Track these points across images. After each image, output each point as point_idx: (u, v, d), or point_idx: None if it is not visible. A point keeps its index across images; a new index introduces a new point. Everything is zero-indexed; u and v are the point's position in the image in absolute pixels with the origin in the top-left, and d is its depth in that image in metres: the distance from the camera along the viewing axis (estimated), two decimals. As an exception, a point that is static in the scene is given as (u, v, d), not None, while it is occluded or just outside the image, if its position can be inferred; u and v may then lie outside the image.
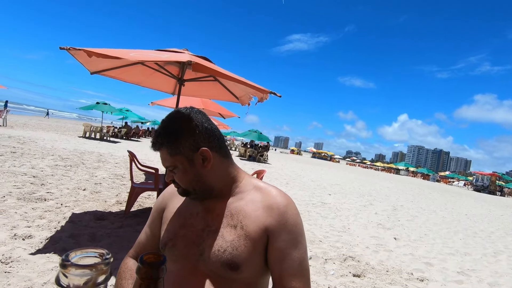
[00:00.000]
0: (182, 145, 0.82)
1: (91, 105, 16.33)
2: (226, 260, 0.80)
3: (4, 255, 2.31)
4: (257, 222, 0.83)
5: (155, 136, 0.84)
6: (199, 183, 0.86)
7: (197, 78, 3.91)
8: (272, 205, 0.85)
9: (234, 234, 0.82)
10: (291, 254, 0.82)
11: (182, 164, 0.84)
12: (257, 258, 0.83)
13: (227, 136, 35.69)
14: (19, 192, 3.94)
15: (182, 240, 0.87)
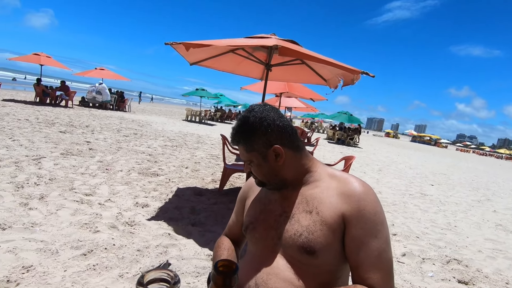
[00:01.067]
0: (256, 143, 0.88)
1: (191, 92, 18.33)
2: (302, 243, 0.83)
3: (130, 218, 2.87)
4: (333, 208, 0.84)
5: (233, 133, 0.92)
6: (273, 176, 0.92)
7: (284, 62, 3.89)
8: (348, 191, 0.85)
9: (309, 219, 0.85)
10: (368, 244, 0.80)
11: (257, 160, 0.90)
12: (335, 244, 0.83)
13: (315, 118, 34.94)
14: (139, 167, 4.80)
15: (262, 224, 0.94)
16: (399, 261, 2.89)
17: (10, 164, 3.87)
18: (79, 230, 2.49)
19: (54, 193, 3.17)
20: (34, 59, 12.76)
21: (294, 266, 0.85)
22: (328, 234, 0.83)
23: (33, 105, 11.38)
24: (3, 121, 6.98)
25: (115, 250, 2.28)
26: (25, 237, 2.25)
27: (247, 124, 0.89)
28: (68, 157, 4.71)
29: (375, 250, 0.80)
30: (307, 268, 0.84)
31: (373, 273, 0.79)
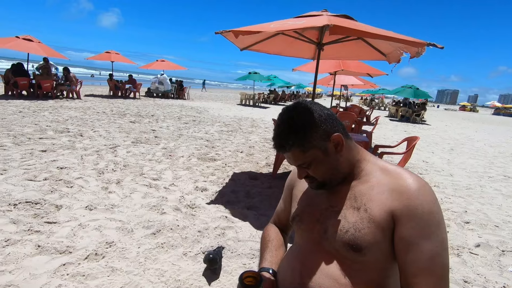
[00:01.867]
0: (314, 138, 0.81)
1: (244, 76, 18.54)
2: (348, 240, 0.80)
3: (191, 201, 3.12)
4: (382, 206, 0.79)
5: (279, 140, 0.83)
6: (335, 171, 0.86)
7: (337, 39, 3.66)
8: (400, 188, 0.79)
9: (356, 216, 0.81)
10: (419, 245, 0.74)
11: (317, 157, 0.83)
12: (385, 243, 0.79)
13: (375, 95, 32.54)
14: (198, 153, 5.12)
15: (308, 216, 0.93)
16: (471, 252, 2.61)
17: (93, 153, 4.47)
18: (149, 212, 2.80)
19: (128, 178, 3.59)
20: (106, 56, 14.26)
21: (340, 262, 0.83)
22: (376, 232, 0.78)
23: (108, 98, 12.82)
24: (86, 114, 8.04)
25: (179, 230, 2.51)
26: (107, 217, 2.62)
27: (297, 122, 0.81)
28: (137, 145, 5.24)
29: (427, 253, 0.74)
30: (353, 265, 0.81)
31: (422, 278, 0.73)
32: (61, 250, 2.07)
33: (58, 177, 3.36)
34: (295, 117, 0.82)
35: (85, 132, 5.80)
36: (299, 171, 0.88)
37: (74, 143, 4.91)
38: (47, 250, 2.06)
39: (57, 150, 4.44)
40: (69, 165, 3.83)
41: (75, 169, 3.69)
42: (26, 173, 3.39)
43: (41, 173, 3.44)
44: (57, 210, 2.64)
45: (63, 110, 8.26)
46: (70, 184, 3.23)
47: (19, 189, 2.98)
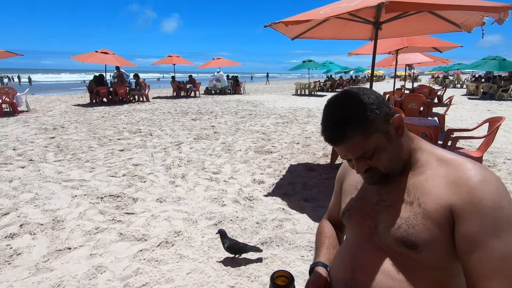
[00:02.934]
0: (376, 120, 0.73)
1: (298, 65, 18.17)
2: (401, 237, 0.74)
3: (249, 194, 3.22)
4: (438, 200, 0.71)
5: (335, 130, 0.74)
6: (398, 157, 0.78)
7: (397, 16, 3.32)
8: (459, 180, 0.70)
9: (409, 211, 0.75)
10: (487, 244, 0.65)
11: (381, 143, 0.75)
12: (445, 241, 0.71)
13: (449, 71, 28.82)
14: (255, 146, 5.23)
15: (358, 211, 0.88)
16: None
17: (161, 150, 4.92)
18: (211, 204, 2.98)
19: (191, 173, 3.86)
20: (168, 60, 15.44)
21: (393, 258, 0.77)
22: (433, 228, 0.71)
23: (172, 99, 13.88)
24: (154, 115, 8.85)
25: (238, 222, 2.63)
26: (175, 208, 2.87)
27: (354, 104, 0.73)
28: (199, 141, 5.59)
29: (497, 252, 0.64)
30: (408, 262, 0.75)
31: (492, 280, 0.63)
32: (138, 237, 2.35)
33: (133, 173, 3.79)
34: (351, 101, 0.74)
35: (154, 132, 6.40)
36: (358, 164, 0.78)
37: (145, 142, 5.47)
38: (127, 237, 2.35)
39: (132, 149, 5.00)
40: (142, 162, 4.28)
41: (147, 166, 4.12)
42: (109, 170, 3.90)
43: (120, 170, 3.92)
44: (134, 202, 2.99)
45: (136, 113, 9.23)
46: (143, 179, 3.62)
47: (104, 184, 3.45)
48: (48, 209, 2.82)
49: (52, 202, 2.96)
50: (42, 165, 4.07)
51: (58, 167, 4.03)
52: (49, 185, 3.39)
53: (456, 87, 25.23)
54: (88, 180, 3.55)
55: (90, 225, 2.53)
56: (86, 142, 5.44)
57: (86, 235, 2.38)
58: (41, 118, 8.11)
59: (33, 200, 3.00)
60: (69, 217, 2.66)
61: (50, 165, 4.11)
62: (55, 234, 2.38)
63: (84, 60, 11.41)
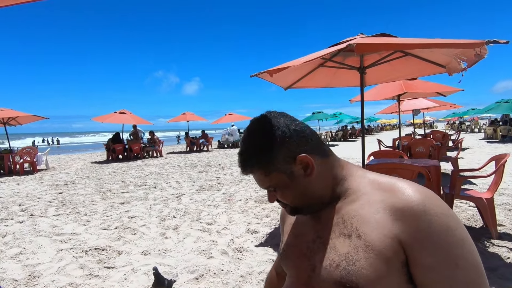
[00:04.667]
0: (276, 160, 0.69)
1: (308, 117, 18.60)
2: (340, 277, 0.63)
3: (239, 244, 3.02)
4: (381, 229, 0.62)
5: (241, 159, 0.72)
6: (307, 196, 0.72)
7: (380, 60, 3.41)
8: (399, 203, 0.62)
9: (348, 245, 0.65)
10: (447, 277, 0.57)
11: (282, 181, 0.71)
12: (393, 277, 0.60)
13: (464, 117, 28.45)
14: (256, 195, 5.09)
15: (294, 251, 0.77)
16: None
17: (160, 202, 4.87)
18: (197, 256, 2.79)
19: (185, 224, 3.73)
20: (182, 118, 16.28)
21: None
22: (378, 263, 0.60)
23: (185, 154, 14.25)
24: (163, 169, 9.01)
25: (222, 275, 2.41)
26: (158, 261, 2.71)
27: (258, 140, 0.70)
28: (201, 192, 5.52)
29: (462, 284, 0.57)
30: None
31: None
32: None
33: (126, 226, 3.71)
34: (256, 135, 0.71)
35: (159, 184, 6.44)
36: (268, 194, 0.75)
37: (148, 195, 5.46)
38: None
39: (132, 201, 4.98)
40: (139, 214, 4.22)
41: (142, 218, 4.04)
42: (103, 223, 3.85)
43: (114, 223, 3.85)
44: (118, 256, 2.86)
45: (146, 167, 9.45)
46: (134, 231, 3.52)
47: (94, 237, 3.36)
48: (29, 264, 2.73)
49: (35, 257, 2.88)
50: (40, 220, 4.09)
51: (55, 221, 4.02)
52: (39, 239, 3.35)
53: (473, 131, 24.62)
54: (79, 234, 3.48)
55: (64, 281, 2.39)
56: (91, 196, 5.50)
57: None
58: (57, 175, 8.43)
59: (18, 255, 2.94)
60: (47, 273, 2.55)
61: (48, 219, 4.12)
62: (25, 291, 2.26)
63: (103, 120, 12.22)
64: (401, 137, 7.31)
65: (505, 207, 3.88)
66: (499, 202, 4.08)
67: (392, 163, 3.29)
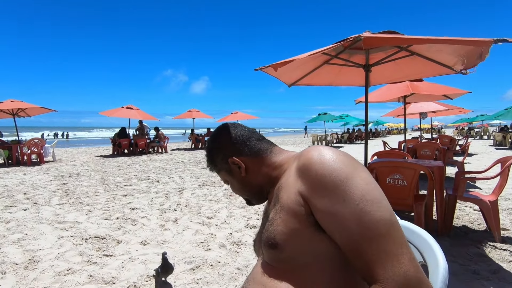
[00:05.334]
0: (218, 161, 0.89)
1: (314, 118, 18.51)
2: (266, 238, 0.71)
3: (238, 238, 3.02)
4: (291, 189, 0.70)
5: (206, 158, 0.94)
6: (247, 188, 0.89)
7: (385, 58, 3.38)
8: (302, 164, 0.69)
9: (274, 212, 0.73)
10: (337, 214, 0.60)
11: (228, 177, 0.91)
12: (303, 230, 0.65)
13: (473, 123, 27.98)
14: (257, 192, 5.08)
15: (257, 238, 0.88)
16: None
17: (162, 196, 4.90)
18: (195, 248, 2.80)
19: (185, 217, 3.75)
20: (188, 115, 16.34)
21: (267, 267, 0.73)
22: (288, 219, 0.67)
23: (190, 150, 14.31)
24: (167, 164, 9.06)
25: (219, 267, 2.41)
26: (156, 251, 2.72)
27: (209, 146, 0.92)
28: (203, 188, 5.54)
29: (350, 218, 0.59)
30: (278, 266, 0.70)
31: (363, 247, 0.58)
32: (107, 280, 2.20)
33: (127, 217, 3.74)
34: (209, 141, 0.92)
35: (162, 179, 6.47)
36: None
37: (150, 188, 5.50)
38: (95, 280, 2.21)
39: (135, 194, 5.02)
40: (140, 206, 4.25)
41: (143, 210, 4.06)
42: (104, 213, 3.88)
43: (115, 213, 3.89)
44: (117, 244, 2.88)
45: (151, 162, 9.51)
46: (135, 222, 3.54)
47: (95, 226, 3.40)
48: (30, 249, 2.77)
49: (36, 243, 2.92)
50: (43, 208, 4.15)
51: (58, 210, 4.07)
52: (41, 226, 3.39)
53: (483, 138, 24.22)
54: (80, 222, 3.52)
55: (63, 266, 2.42)
56: (94, 187, 5.56)
57: (55, 276, 2.27)
58: (63, 167, 8.54)
59: (20, 240, 2.99)
60: (46, 258, 2.58)
61: (51, 208, 4.17)
62: (24, 274, 2.29)
63: (110, 114, 12.35)
64: (406, 139, 7.22)
65: (510, 211, 3.81)
66: (505, 207, 4.00)
67: (394, 162, 3.26)
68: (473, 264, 2.39)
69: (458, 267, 2.35)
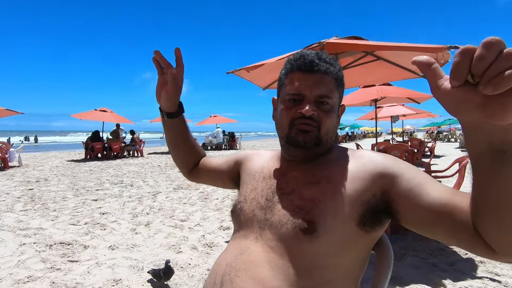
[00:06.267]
0: (341, 89, 0.76)
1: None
2: (299, 222, 0.65)
3: (210, 240, 3.01)
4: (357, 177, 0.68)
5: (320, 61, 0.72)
6: (333, 131, 0.75)
7: (353, 62, 3.52)
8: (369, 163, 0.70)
9: (316, 190, 0.68)
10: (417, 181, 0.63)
11: (334, 104, 0.74)
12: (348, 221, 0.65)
13: (442, 126, 29.50)
14: (233, 194, 5.08)
15: (251, 204, 0.77)
16: None
17: (135, 200, 4.78)
18: (166, 251, 2.76)
19: (157, 220, 3.68)
20: (166, 118, 16.06)
21: (275, 260, 0.65)
22: (340, 201, 0.66)
23: (167, 154, 14.01)
24: (143, 168, 8.85)
25: (189, 269, 2.40)
26: (124, 255, 2.66)
27: (338, 67, 0.75)
28: (177, 191, 5.46)
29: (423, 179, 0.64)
30: (294, 261, 0.65)
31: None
32: (70, 287, 2.12)
33: (97, 222, 3.61)
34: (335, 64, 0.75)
35: (136, 183, 6.32)
36: (311, 105, 0.71)
37: (123, 192, 5.35)
38: (58, 286, 2.13)
39: (106, 198, 4.87)
40: (111, 211, 4.12)
41: (113, 214, 3.95)
42: (72, 219, 3.73)
43: (84, 218, 3.75)
44: (83, 250, 2.78)
45: (125, 166, 9.25)
46: (104, 227, 3.43)
47: (61, 232, 3.26)
48: (-13, 257, 2.61)
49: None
50: (5, 215, 3.92)
51: (21, 216, 3.87)
52: (1, 233, 3.21)
53: (450, 141, 25.58)
54: (45, 229, 3.37)
55: (23, 274, 2.30)
56: (63, 193, 5.33)
57: (14, 284, 2.16)
58: (29, 172, 8.12)
59: (-23, 248, 2.81)
60: (5, 266, 2.44)
61: (13, 214, 3.95)
62: (-21, 283, 2.16)
63: (83, 117, 11.91)
64: (378, 142, 7.51)
65: (470, 208, 4.05)
66: (465, 204, 4.25)
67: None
68: (433, 257, 2.53)
69: (419, 260, 2.47)
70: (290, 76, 0.74)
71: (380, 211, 0.66)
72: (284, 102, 0.75)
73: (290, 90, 0.73)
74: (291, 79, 0.74)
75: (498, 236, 0.48)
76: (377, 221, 0.68)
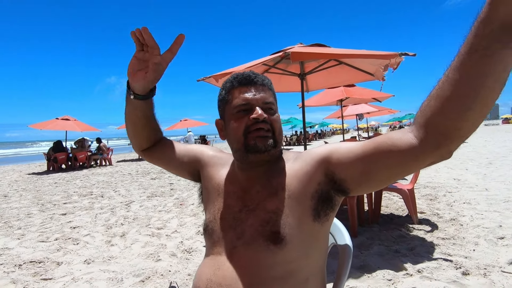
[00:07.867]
0: (276, 99, 0.86)
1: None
2: (268, 232, 0.71)
3: (189, 246, 3.05)
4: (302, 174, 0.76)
5: (254, 76, 0.82)
6: (282, 135, 0.84)
7: (318, 67, 3.74)
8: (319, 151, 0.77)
9: (276, 200, 0.75)
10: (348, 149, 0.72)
11: (277, 109, 0.83)
12: (309, 222, 0.73)
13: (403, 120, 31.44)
14: (209, 199, 5.12)
15: (221, 224, 0.81)
16: (503, 271, 2.21)
17: (107, 211, 4.66)
18: (144, 260, 2.76)
19: (133, 230, 3.64)
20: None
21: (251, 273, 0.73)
22: (299, 208, 0.73)
23: (137, 161, 13.63)
24: (113, 177, 8.56)
25: (169, 276, 2.43)
26: (102, 268, 2.63)
27: (269, 81, 0.86)
28: (152, 199, 5.39)
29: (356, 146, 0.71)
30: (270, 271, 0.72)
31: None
32: (47, 305, 2.08)
33: (68, 236, 3.50)
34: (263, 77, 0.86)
35: (106, 193, 6.12)
36: (262, 111, 0.77)
37: (93, 204, 5.18)
38: (33, 306, 2.07)
39: (76, 212, 4.69)
40: (83, 224, 3.99)
41: (86, 227, 3.84)
42: (41, 236, 3.58)
43: (53, 234, 3.61)
44: (57, 267, 2.70)
45: (93, 177, 8.88)
46: (77, 241, 3.34)
47: (29, 250, 3.12)
48: (-51, 283, 2.46)
49: (-43, 276, 2.60)
50: (-37, 237, 3.66)
51: (-18, 237, 3.63)
52: (-38, 257, 3.01)
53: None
54: (11, 248, 3.20)
55: (-7, 297, 2.22)
56: (27, 209, 5.04)
57: (-16, 308, 2.07)
58: (-15, 189, 7.52)
59: None
60: (-29, 290, 2.33)
61: (-27, 236, 3.70)
62: None
63: (43, 127, 11.23)
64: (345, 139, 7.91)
65: (427, 197, 4.44)
66: (423, 193, 4.65)
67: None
68: (395, 244, 2.78)
69: (383, 248, 2.71)
70: (233, 92, 0.81)
71: (331, 193, 0.74)
72: (233, 116, 0.80)
73: (237, 102, 0.79)
74: (234, 94, 0.81)
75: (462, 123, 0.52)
76: (329, 206, 0.75)
